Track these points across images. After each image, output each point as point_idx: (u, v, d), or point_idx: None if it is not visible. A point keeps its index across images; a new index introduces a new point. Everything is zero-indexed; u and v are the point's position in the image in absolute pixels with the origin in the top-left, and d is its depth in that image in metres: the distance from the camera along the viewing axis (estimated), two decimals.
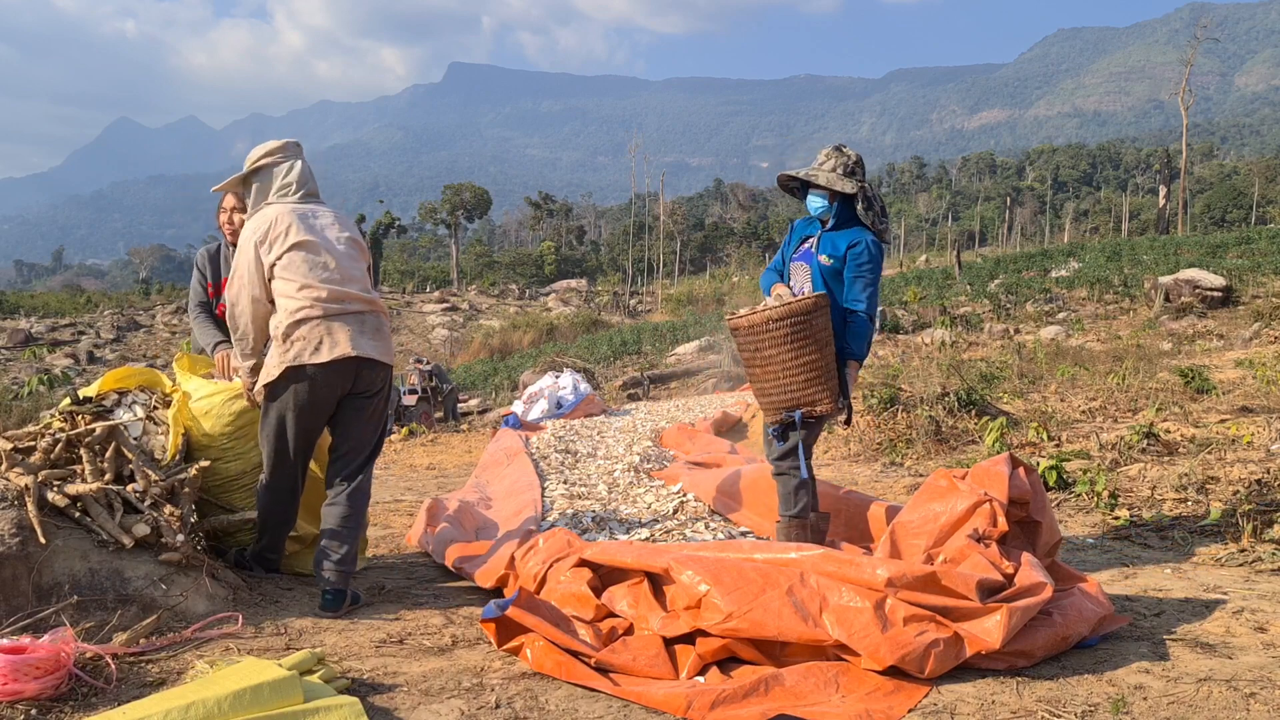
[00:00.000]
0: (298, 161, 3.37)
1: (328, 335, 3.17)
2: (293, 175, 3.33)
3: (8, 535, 2.78)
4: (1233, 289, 18.30)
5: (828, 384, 3.55)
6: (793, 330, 3.48)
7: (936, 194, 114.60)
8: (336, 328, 3.19)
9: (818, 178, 3.68)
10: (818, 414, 3.58)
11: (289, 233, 3.22)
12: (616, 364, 21.32)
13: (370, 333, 3.27)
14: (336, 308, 3.20)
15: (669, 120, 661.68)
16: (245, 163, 3.37)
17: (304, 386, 3.19)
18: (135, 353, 34.77)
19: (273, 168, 3.33)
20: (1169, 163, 50.64)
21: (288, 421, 3.25)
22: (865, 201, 3.65)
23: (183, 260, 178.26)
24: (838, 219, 3.71)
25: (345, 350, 3.17)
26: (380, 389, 3.35)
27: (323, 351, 3.16)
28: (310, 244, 3.24)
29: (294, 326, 3.16)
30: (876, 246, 3.67)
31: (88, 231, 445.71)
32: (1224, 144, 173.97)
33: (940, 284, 27.18)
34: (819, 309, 3.52)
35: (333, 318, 3.19)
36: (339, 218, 3.39)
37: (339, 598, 3.22)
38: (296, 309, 3.17)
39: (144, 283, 75.12)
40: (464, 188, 73.76)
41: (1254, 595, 3.33)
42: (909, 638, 2.49)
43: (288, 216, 3.25)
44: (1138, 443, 5.94)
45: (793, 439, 3.66)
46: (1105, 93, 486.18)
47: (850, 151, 3.75)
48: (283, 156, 3.35)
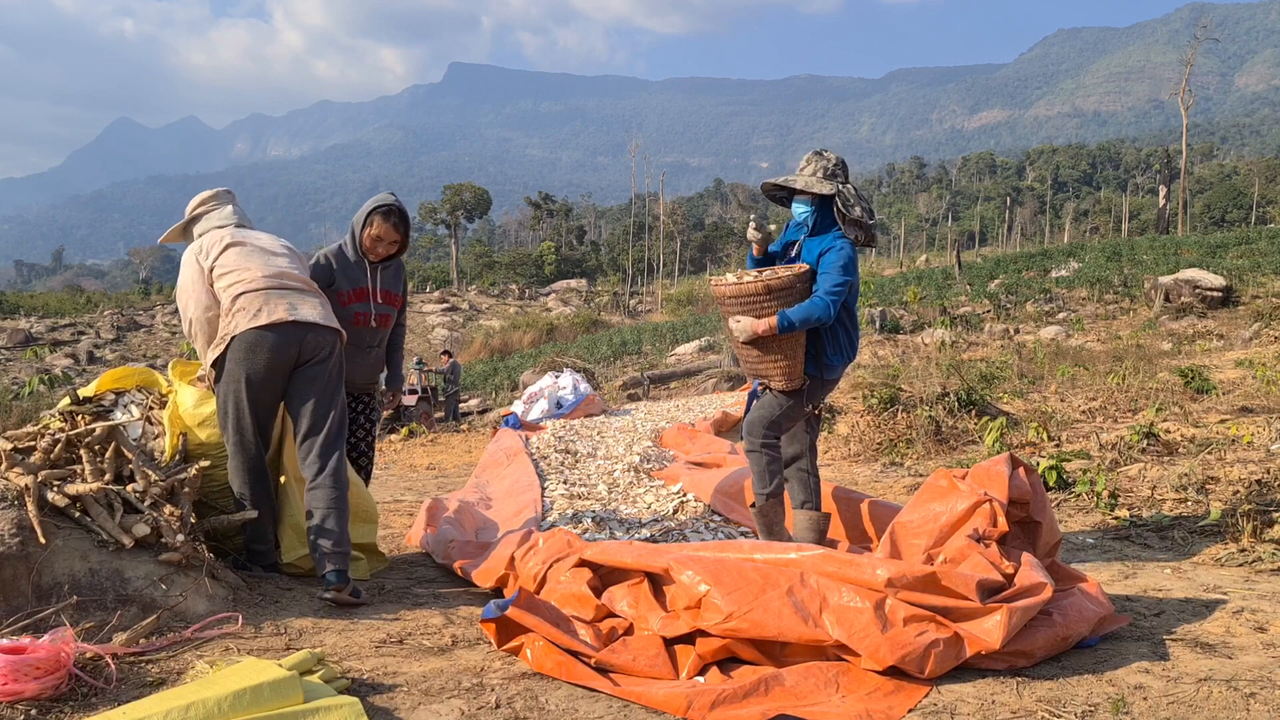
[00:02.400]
0: (229, 205, 3.75)
1: (265, 304, 3.36)
2: (224, 214, 3.70)
3: (8, 535, 2.78)
4: (1233, 289, 18.31)
5: (781, 362, 3.67)
6: (743, 309, 3.65)
7: (936, 194, 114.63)
8: (274, 297, 3.39)
9: (796, 182, 3.76)
10: (773, 389, 3.74)
11: (223, 239, 3.55)
12: (616, 364, 21.33)
13: (310, 304, 3.45)
14: (275, 282, 3.43)
15: (669, 120, 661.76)
16: (185, 212, 3.76)
17: (248, 354, 3.31)
18: (135, 353, 34.79)
19: (209, 213, 3.70)
20: (1169, 163, 50.64)
21: (242, 396, 3.34)
22: (844, 201, 3.68)
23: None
24: (818, 224, 3.78)
25: (282, 315, 3.33)
26: (329, 356, 3.42)
27: (261, 316, 3.32)
28: (244, 243, 3.56)
29: (233, 301, 3.38)
30: (851, 250, 3.72)
31: (88, 232, 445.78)
32: (1224, 144, 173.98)
33: (940, 284, 27.19)
34: (773, 293, 3.60)
35: (271, 290, 3.40)
36: (274, 237, 3.75)
37: (341, 575, 3.25)
38: (234, 285, 3.41)
39: (144, 283, 75.10)
40: (464, 188, 73.78)
41: (1254, 595, 3.32)
42: (909, 638, 2.49)
43: (221, 231, 3.60)
44: (1138, 443, 5.94)
45: (761, 410, 3.78)
46: (1105, 93, 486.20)
47: (830, 155, 3.81)
48: (215, 204, 3.73)
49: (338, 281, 3.94)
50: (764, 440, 3.80)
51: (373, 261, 4.01)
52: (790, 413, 3.81)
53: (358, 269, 3.98)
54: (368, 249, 3.97)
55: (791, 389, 3.73)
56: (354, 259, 3.98)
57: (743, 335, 3.66)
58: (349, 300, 3.95)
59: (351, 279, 3.97)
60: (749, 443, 3.84)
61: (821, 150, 3.85)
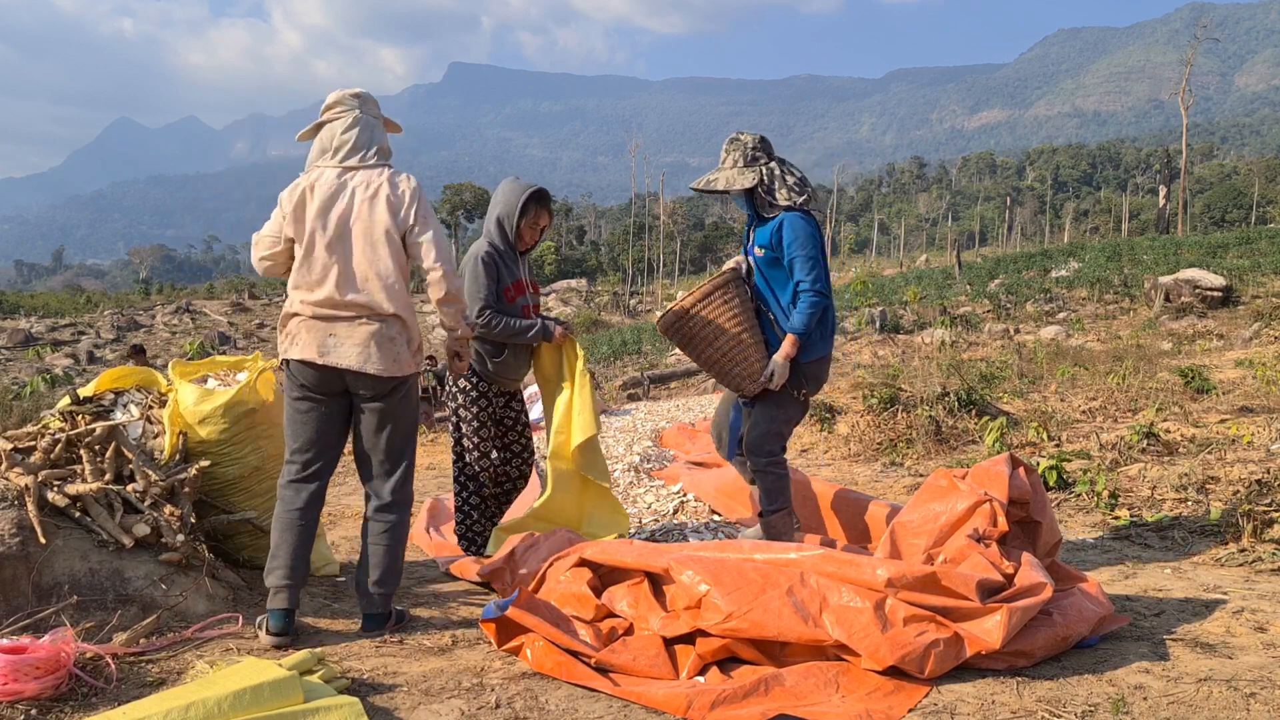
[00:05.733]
0: (350, 116, 3.10)
1: (306, 334, 3.00)
2: (336, 138, 3.08)
3: (8, 535, 2.78)
4: (1233, 289, 18.30)
5: (737, 369, 3.62)
6: (681, 337, 3.66)
7: (936, 194, 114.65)
8: (318, 327, 2.99)
9: (717, 183, 3.65)
10: (745, 394, 3.68)
11: (301, 218, 3.02)
12: (616, 364, 21.31)
13: (360, 340, 2.97)
14: (326, 311, 2.98)
15: (669, 120, 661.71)
16: (320, 112, 3.19)
17: (289, 378, 3.06)
18: None
19: (331, 121, 3.11)
20: (1169, 163, 50.63)
21: (287, 406, 3.08)
22: (765, 189, 3.58)
23: (182, 260, 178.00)
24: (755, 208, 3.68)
25: (310, 355, 2.97)
26: (381, 397, 3.03)
27: (295, 349, 3.00)
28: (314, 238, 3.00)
29: (284, 319, 3.07)
30: (803, 219, 3.58)
31: (88, 232, 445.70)
32: (1224, 144, 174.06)
33: (940, 284, 27.19)
34: (692, 312, 3.61)
35: (318, 319, 2.99)
36: (369, 193, 3.02)
37: (378, 621, 3.03)
38: (289, 304, 3.05)
39: (144, 283, 75.12)
40: (464, 188, 73.80)
41: (1254, 595, 3.32)
42: (909, 638, 2.49)
43: (294, 199, 3.04)
44: (1138, 443, 5.94)
45: (756, 429, 3.70)
46: (1105, 93, 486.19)
47: (747, 136, 3.69)
48: (341, 110, 3.13)
49: (503, 277, 3.85)
50: (769, 460, 3.69)
51: (521, 251, 3.95)
52: (786, 415, 3.71)
53: (512, 261, 3.90)
54: (525, 238, 3.91)
55: (762, 386, 3.62)
56: (505, 250, 3.88)
57: (780, 376, 3.58)
58: (513, 295, 3.89)
59: (511, 273, 3.89)
60: (754, 463, 3.72)
61: (737, 135, 3.73)
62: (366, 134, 3.10)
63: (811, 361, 3.66)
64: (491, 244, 3.85)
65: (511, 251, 3.89)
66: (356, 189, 3.02)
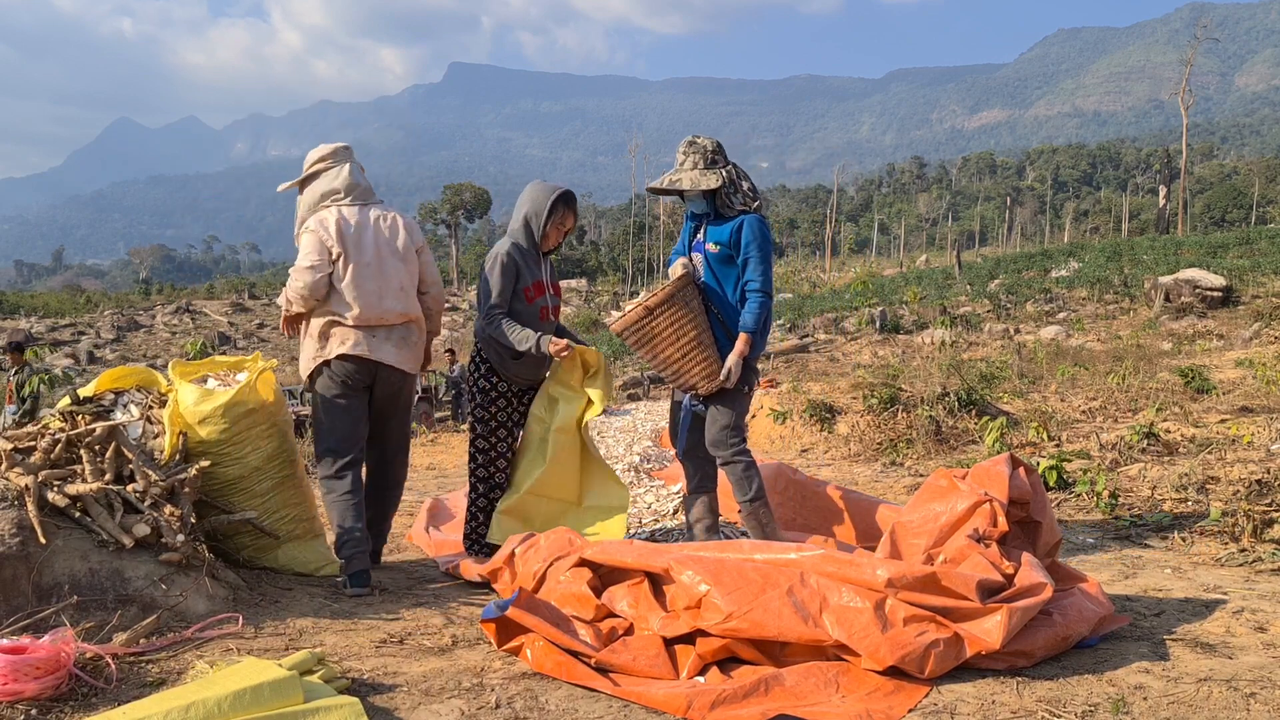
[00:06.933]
0: (345, 166, 3.73)
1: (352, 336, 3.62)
2: (339, 181, 3.69)
3: (8, 535, 2.78)
4: (1233, 289, 18.31)
5: (696, 367, 3.67)
6: (641, 337, 3.68)
7: (936, 194, 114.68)
8: (362, 330, 3.62)
9: (682, 182, 3.73)
10: (702, 393, 3.73)
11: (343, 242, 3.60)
12: (616, 364, 21.32)
13: (396, 341, 3.68)
14: (371, 317, 3.61)
15: (669, 120, 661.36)
16: (303, 166, 3.77)
17: (329, 378, 3.65)
18: (135, 353, 34.78)
19: (324, 171, 3.71)
20: (1169, 163, 50.66)
21: (324, 405, 3.69)
22: (731, 186, 3.69)
23: (182, 260, 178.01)
24: (717, 209, 3.76)
25: (361, 351, 3.59)
26: (400, 389, 3.80)
27: (343, 348, 3.60)
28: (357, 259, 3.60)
29: (324, 328, 3.62)
30: (760, 223, 3.72)
31: (88, 232, 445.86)
32: (1224, 144, 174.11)
33: (940, 284, 27.21)
34: (656, 312, 3.64)
35: (359, 326, 3.60)
36: (387, 223, 3.72)
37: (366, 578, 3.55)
38: (325, 315, 3.61)
39: (144, 283, 75.13)
40: (464, 188, 73.80)
41: (1254, 595, 3.32)
42: (909, 638, 2.49)
43: (334, 228, 3.60)
44: (1138, 443, 5.94)
45: (716, 424, 3.76)
46: (1105, 93, 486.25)
47: (705, 140, 3.78)
48: (332, 162, 3.73)
49: (522, 278, 3.88)
50: (734, 450, 3.77)
51: (544, 252, 3.98)
52: (742, 408, 3.82)
53: (533, 261, 3.93)
54: (550, 239, 3.95)
55: (719, 385, 3.69)
56: (528, 250, 3.92)
57: (736, 374, 3.67)
58: (533, 296, 3.90)
59: (532, 273, 3.91)
60: (721, 457, 3.80)
61: (694, 138, 3.81)
62: (364, 178, 3.78)
63: (757, 358, 3.84)
64: (515, 244, 3.89)
65: (535, 252, 3.93)
66: (377, 220, 3.70)
